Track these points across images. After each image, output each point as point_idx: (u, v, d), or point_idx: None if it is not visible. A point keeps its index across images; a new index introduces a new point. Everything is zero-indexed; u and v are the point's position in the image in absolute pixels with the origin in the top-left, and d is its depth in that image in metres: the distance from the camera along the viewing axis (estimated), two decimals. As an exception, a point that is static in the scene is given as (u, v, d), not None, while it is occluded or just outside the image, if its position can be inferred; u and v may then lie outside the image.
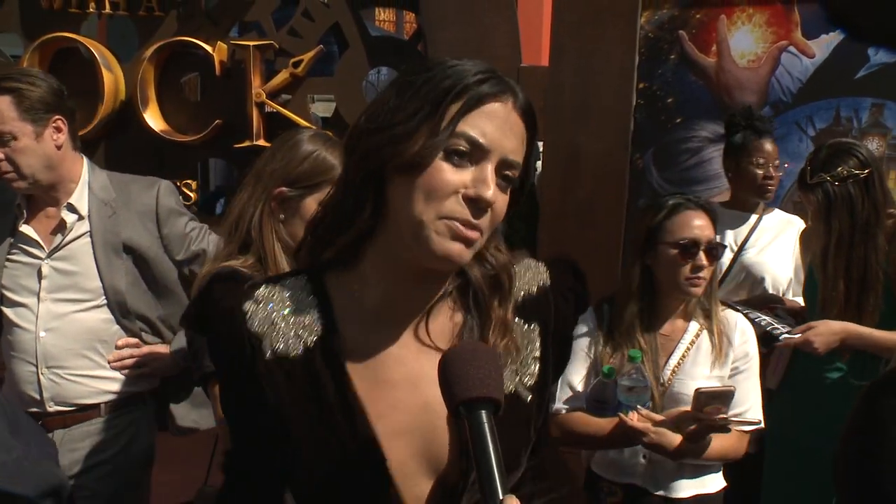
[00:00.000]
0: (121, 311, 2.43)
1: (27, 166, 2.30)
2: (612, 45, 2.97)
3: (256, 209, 1.98)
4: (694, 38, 3.77)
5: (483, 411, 0.98)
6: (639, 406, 2.15)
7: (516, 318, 1.20)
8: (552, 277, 1.25)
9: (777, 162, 3.13)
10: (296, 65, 3.17)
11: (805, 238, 3.14)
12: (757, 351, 2.32)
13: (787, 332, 2.76)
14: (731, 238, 3.18)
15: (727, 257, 3.15)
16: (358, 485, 1.11)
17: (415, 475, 1.12)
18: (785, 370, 3.00)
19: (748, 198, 3.19)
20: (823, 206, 2.78)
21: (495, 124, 1.09)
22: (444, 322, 1.18)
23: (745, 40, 3.76)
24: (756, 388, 2.30)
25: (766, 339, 3.04)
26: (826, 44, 3.66)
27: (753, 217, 3.19)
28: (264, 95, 3.15)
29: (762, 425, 2.31)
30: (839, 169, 2.76)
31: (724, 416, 2.09)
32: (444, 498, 1.13)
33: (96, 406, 2.43)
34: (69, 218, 2.41)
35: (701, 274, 2.21)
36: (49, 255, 2.40)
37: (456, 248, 1.07)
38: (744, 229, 3.18)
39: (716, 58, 3.77)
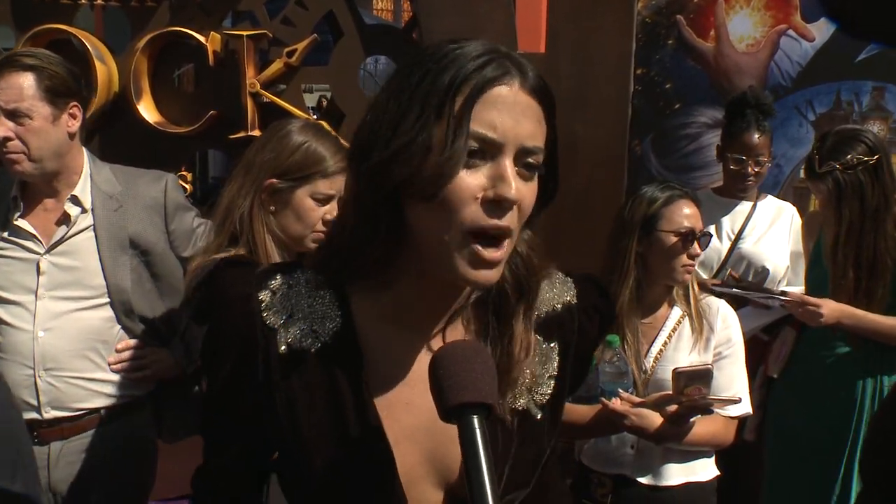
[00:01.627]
0: (124, 311, 2.32)
1: (37, 148, 2.20)
2: (609, 30, 2.94)
3: (246, 201, 1.96)
4: (692, 23, 3.74)
5: (475, 417, 0.94)
6: (620, 390, 2.14)
7: (536, 336, 1.15)
8: (579, 296, 1.21)
9: (762, 157, 3.08)
10: (290, 54, 3.13)
11: (808, 224, 3.12)
12: (741, 338, 2.33)
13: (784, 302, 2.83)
14: (728, 226, 3.15)
15: (725, 246, 3.13)
16: (366, 484, 1.08)
17: (422, 481, 1.10)
18: (787, 358, 3.00)
19: (731, 187, 3.17)
20: (834, 194, 2.75)
21: (504, 112, 0.99)
22: (462, 332, 1.13)
23: (743, 24, 3.73)
24: (741, 374, 2.30)
25: (769, 327, 3.04)
26: (826, 27, 3.63)
27: (748, 205, 3.16)
28: (258, 85, 3.12)
29: (749, 411, 2.31)
30: (848, 156, 2.73)
31: (706, 396, 2.09)
32: None
33: (96, 411, 2.33)
34: (73, 211, 2.30)
35: (694, 262, 2.25)
36: (48, 250, 2.29)
37: (482, 275, 1.01)
38: (739, 217, 3.15)
39: (714, 42, 3.74)
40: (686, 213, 2.25)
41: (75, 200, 2.32)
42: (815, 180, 2.82)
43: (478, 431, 0.93)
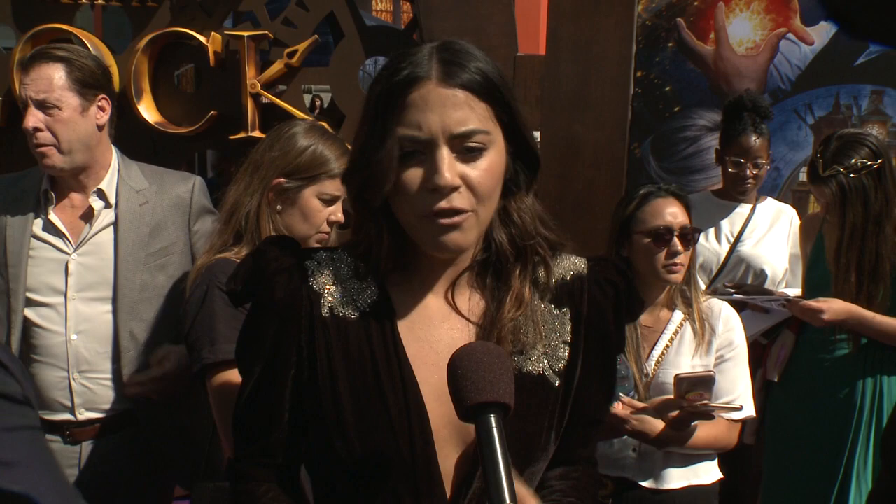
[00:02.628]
0: (126, 307, 2.26)
1: (67, 140, 2.19)
2: (609, 33, 2.94)
3: (253, 199, 1.98)
4: (692, 26, 3.75)
5: (492, 416, 0.98)
6: (621, 395, 2.14)
7: (547, 302, 1.23)
8: (590, 269, 1.27)
9: (760, 160, 3.08)
10: (290, 55, 3.14)
11: (805, 227, 3.13)
12: (744, 340, 2.30)
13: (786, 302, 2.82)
14: (727, 228, 3.16)
15: (724, 249, 3.13)
16: (400, 441, 1.13)
17: (445, 443, 1.15)
18: (786, 362, 2.99)
19: (731, 190, 3.18)
20: (838, 198, 2.75)
21: (427, 110, 1.09)
22: (472, 292, 1.21)
23: (743, 27, 3.74)
24: (744, 377, 2.29)
25: (768, 331, 3.04)
26: (825, 31, 3.64)
27: (747, 207, 3.17)
28: (259, 86, 3.13)
29: (753, 414, 2.30)
30: (853, 160, 2.73)
31: (707, 402, 2.08)
32: (466, 469, 1.15)
33: (127, 411, 2.30)
34: (97, 205, 2.28)
35: (677, 260, 2.20)
36: (76, 249, 2.26)
37: (448, 238, 1.12)
38: (738, 220, 3.16)
39: (714, 45, 3.75)
40: (661, 212, 2.21)
41: (101, 194, 2.29)
42: (819, 184, 2.81)
43: (495, 430, 0.97)
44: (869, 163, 2.72)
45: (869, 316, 2.73)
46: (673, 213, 2.22)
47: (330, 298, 1.18)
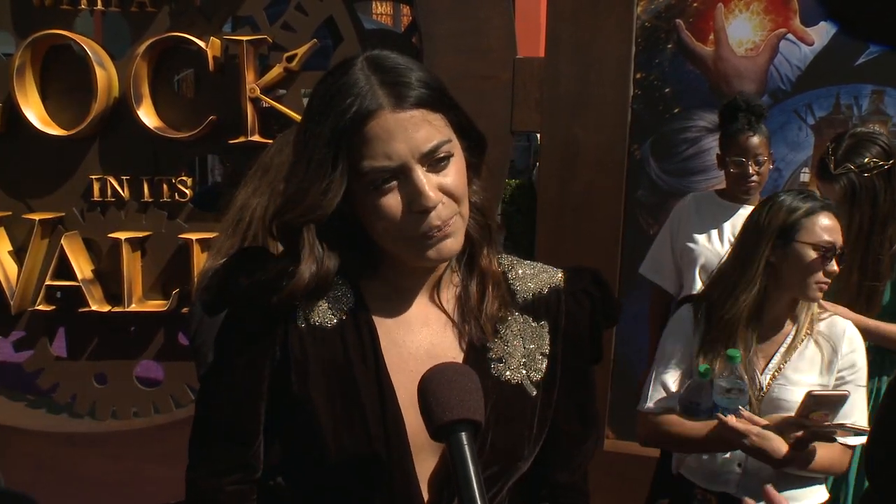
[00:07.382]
0: None
1: None
2: (609, 34, 2.95)
3: (261, 202, 1.97)
4: (691, 27, 3.74)
5: (463, 433, 0.99)
6: (741, 408, 2.01)
7: (526, 315, 1.23)
8: (566, 280, 1.27)
9: (761, 157, 3.07)
10: (290, 59, 3.14)
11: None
12: (865, 363, 2.16)
13: None
14: (729, 230, 3.15)
15: (725, 250, 3.12)
16: (378, 455, 1.13)
17: (423, 448, 1.15)
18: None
19: (735, 191, 3.16)
20: (848, 196, 2.72)
21: (391, 138, 1.07)
22: (454, 289, 1.22)
23: (742, 28, 3.73)
24: (862, 400, 2.14)
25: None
26: (825, 31, 3.63)
27: (750, 209, 3.15)
28: (258, 90, 3.13)
29: (864, 441, 2.03)
30: (865, 159, 2.70)
31: (830, 423, 1.94)
32: (446, 473, 1.15)
33: None
34: None
35: (830, 279, 2.10)
36: None
37: (443, 248, 1.11)
38: (741, 221, 3.14)
39: (713, 46, 3.74)
40: (827, 227, 2.10)
41: None
42: (828, 181, 2.77)
43: (466, 447, 0.98)
44: (881, 162, 2.69)
45: (873, 325, 2.70)
46: (836, 229, 2.12)
47: (305, 310, 1.17)
